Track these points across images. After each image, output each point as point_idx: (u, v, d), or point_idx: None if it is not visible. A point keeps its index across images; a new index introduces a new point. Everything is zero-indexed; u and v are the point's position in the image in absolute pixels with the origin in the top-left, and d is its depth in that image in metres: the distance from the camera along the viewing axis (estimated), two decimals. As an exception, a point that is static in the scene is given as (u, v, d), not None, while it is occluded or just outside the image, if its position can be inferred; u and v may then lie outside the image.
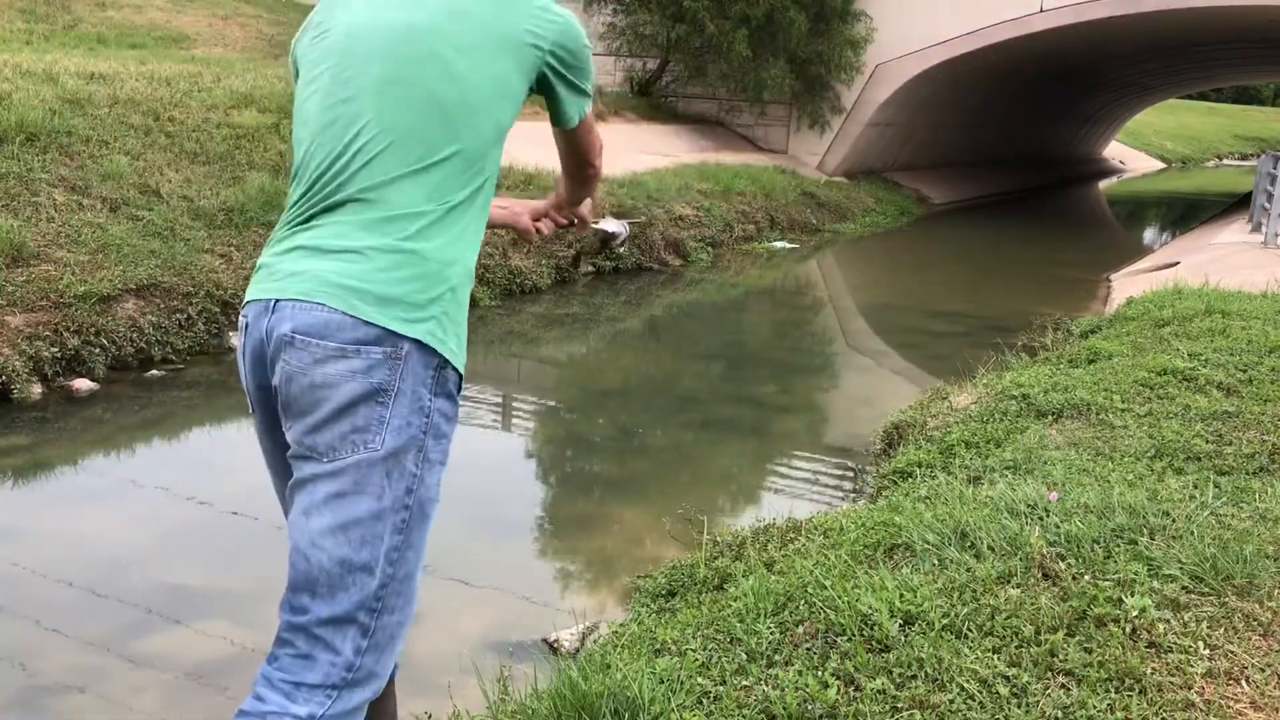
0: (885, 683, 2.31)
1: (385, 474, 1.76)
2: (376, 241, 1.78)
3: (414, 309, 1.77)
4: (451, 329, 1.83)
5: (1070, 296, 11.07)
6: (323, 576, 1.75)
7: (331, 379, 1.74)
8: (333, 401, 1.74)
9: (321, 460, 1.76)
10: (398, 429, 1.76)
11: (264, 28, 17.22)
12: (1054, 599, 2.63)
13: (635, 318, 9.55)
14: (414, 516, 1.81)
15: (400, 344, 1.75)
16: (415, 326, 1.76)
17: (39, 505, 4.76)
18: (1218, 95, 58.12)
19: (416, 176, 1.82)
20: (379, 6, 1.92)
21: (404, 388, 1.76)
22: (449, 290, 1.83)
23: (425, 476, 1.81)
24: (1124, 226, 21.67)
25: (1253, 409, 4.53)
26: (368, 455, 1.74)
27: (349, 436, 1.74)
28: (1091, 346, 6.27)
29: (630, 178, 12.52)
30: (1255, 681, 2.31)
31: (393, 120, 1.84)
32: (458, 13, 1.89)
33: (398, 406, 1.75)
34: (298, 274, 1.79)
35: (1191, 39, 20.72)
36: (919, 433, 5.20)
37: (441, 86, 1.85)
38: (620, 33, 17.40)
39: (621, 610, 3.83)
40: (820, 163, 18.27)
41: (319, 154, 1.88)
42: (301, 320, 1.75)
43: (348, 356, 1.74)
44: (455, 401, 1.87)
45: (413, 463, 1.79)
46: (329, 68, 1.91)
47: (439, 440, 1.84)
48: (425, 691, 3.27)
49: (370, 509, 1.75)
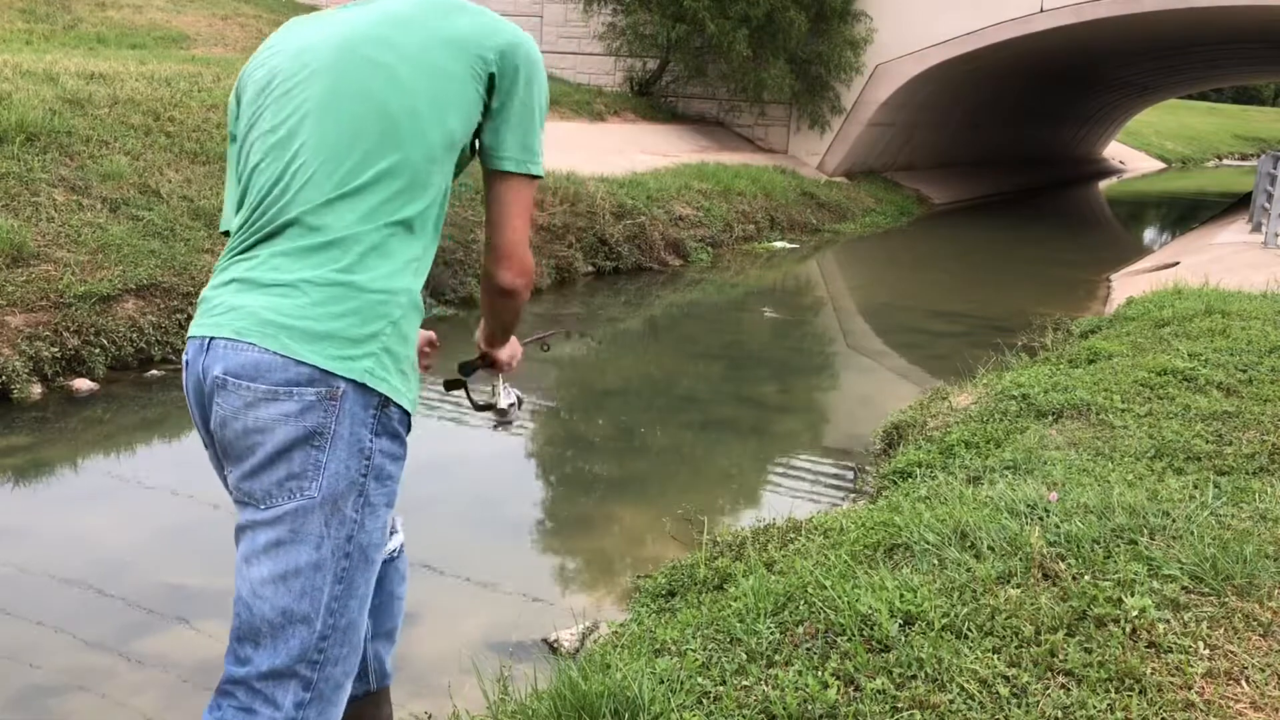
0: (885, 683, 2.31)
1: (324, 521, 1.68)
2: (311, 273, 1.69)
3: (350, 345, 1.67)
4: (394, 364, 1.73)
5: (1070, 296, 11.07)
6: (264, 626, 1.69)
7: (264, 423, 1.66)
8: (266, 447, 1.66)
9: (259, 507, 1.69)
10: (335, 474, 1.67)
11: (264, 28, 17.21)
12: (1054, 599, 2.63)
13: (635, 318, 9.55)
14: (355, 564, 1.72)
15: (335, 384, 1.66)
16: (351, 364, 1.67)
17: (39, 505, 4.76)
18: (1218, 95, 58.12)
19: (353, 198, 1.72)
20: (327, 25, 1.85)
21: (341, 430, 1.67)
22: (389, 324, 1.72)
23: (366, 521, 1.73)
24: (1124, 226, 21.67)
25: (1253, 409, 4.53)
26: (304, 502, 1.67)
27: (285, 483, 1.66)
28: (1091, 346, 6.27)
29: (630, 178, 12.52)
30: (1255, 681, 2.31)
31: (332, 137, 1.74)
32: (403, 20, 1.80)
33: (335, 450, 1.67)
34: (233, 310, 1.70)
35: (1191, 39, 20.72)
36: (919, 433, 5.20)
37: (386, 94, 1.75)
38: (620, 33, 17.41)
39: (621, 610, 3.83)
40: (820, 163, 18.28)
41: (259, 179, 1.79)
42: (233, 361, 1.67)
43: (279, 399, 1.65)
44: (402, 440, 1.78)
45: (352, 508, 1.70)
46: (274, 89, 1.83)
47: (382, 483, 1.74)
48: (425, 691, 3.27)
49: (310, 558, 1.68)
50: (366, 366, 1.68)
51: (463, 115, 1.79)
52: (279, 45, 1.90)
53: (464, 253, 9.15)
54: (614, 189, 11.74)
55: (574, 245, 10.50)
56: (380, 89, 1.75)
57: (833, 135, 18.16)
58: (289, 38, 1.90)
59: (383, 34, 1.78)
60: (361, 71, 1.76)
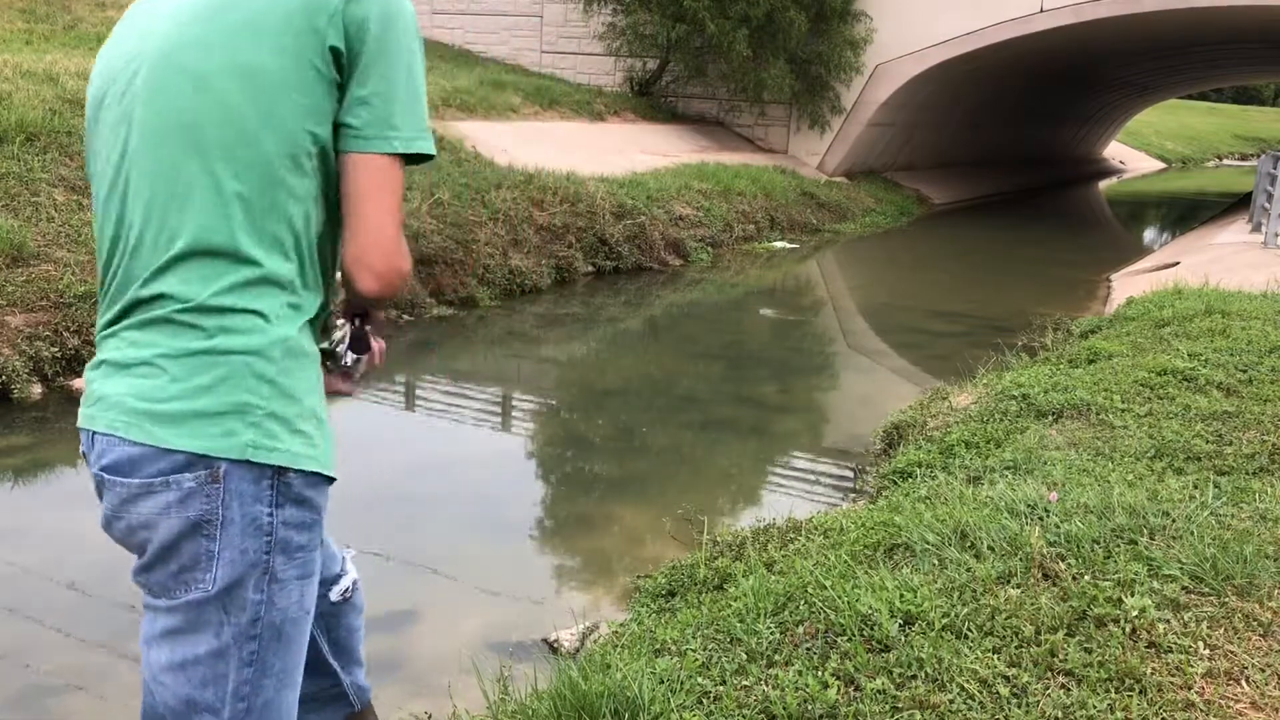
0: (885, 683, 2.31)
1: (222, 610, 1.53)
2: (167, 345, 1.50)
3: (222, 420, 1.49)
4: (284, 427, 1.53)
5: (1070, 296, 11.07)
6: (169, 714, 1.58)
7: (146, 519, 1.52)
8: (155, 543, 1.53)
9: (158, 598, 1.57)
10: (231, 561, 1.52)
11: (264, 28, 17.19)
12: (1054, 599, 2.63)
13: (635, 318, 9.55)
14: (266, 644, 1.57)
15: (214, 465, 1.49)
16: (229, 441, 1.49)
17: (39, 505, 4.76)
18: (1218, 95, 58.12)
19: (195, 257, 1.50)
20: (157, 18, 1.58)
21: (230, 514, 1.51)
22: (266, 385, 1.51)
23: (276, 599, 1.57)
24: (1124, 226, 21.67)
25: (1253, 409, 4.53)
26: (199, 595, 1.52)
27: (178, 576, 1.53)
28: (1091, 346, 6.27)
29: (630, 178, 12.52)
30: (1255, 681, 2.31)
31: (160, 186, 1.52)
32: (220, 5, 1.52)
33: (227, 536, 1.51)
34: (101, 399, 1.55)
35: (1191, 39, 20.72)
36: (919, 433, 5.21)
37: (206, 121, 1.50)
38: (620, 33, 17.41)
39: (621, 610, 3.83)
40: (820, 163, 18.27)
41: (103, 234, 1.61)
42: (108, 458, 1.53)
43: (156, 492, 1.50)
44: (311, 505, 1.60)
45: (255, 590, 1.54)
46: (105, 111, 1.60)
47: (291, 556, 1.58)
48: (425, 691, 3.27)
49: (209, 648, 1.54)
50: (247, 440, 1.49)
51: (308, 114, 1.51)
52: (116, 43, 1.64)
53: (464, 253, 9.15)
54: (614, 189, 11.73)
55: (574, 245, 10.50)
56: (199, 114, 1.50)
57: (833, 135, 18.16)
58: (127, 31, 1.63)
59: (198, 34, 1.52)
60: (179, 93, 1.51)
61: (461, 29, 20.43)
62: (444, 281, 8.81)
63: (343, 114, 1.52)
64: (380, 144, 1.53)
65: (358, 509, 4.85)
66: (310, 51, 1.49)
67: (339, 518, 5.19)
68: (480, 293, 8.98)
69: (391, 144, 1.53)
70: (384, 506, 4.91)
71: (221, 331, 1.49)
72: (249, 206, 1.50)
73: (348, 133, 1.52)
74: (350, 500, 4.96)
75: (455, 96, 13.69)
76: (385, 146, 1.53)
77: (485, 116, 13.80)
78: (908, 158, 20.69)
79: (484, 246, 9.39)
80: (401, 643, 3.65)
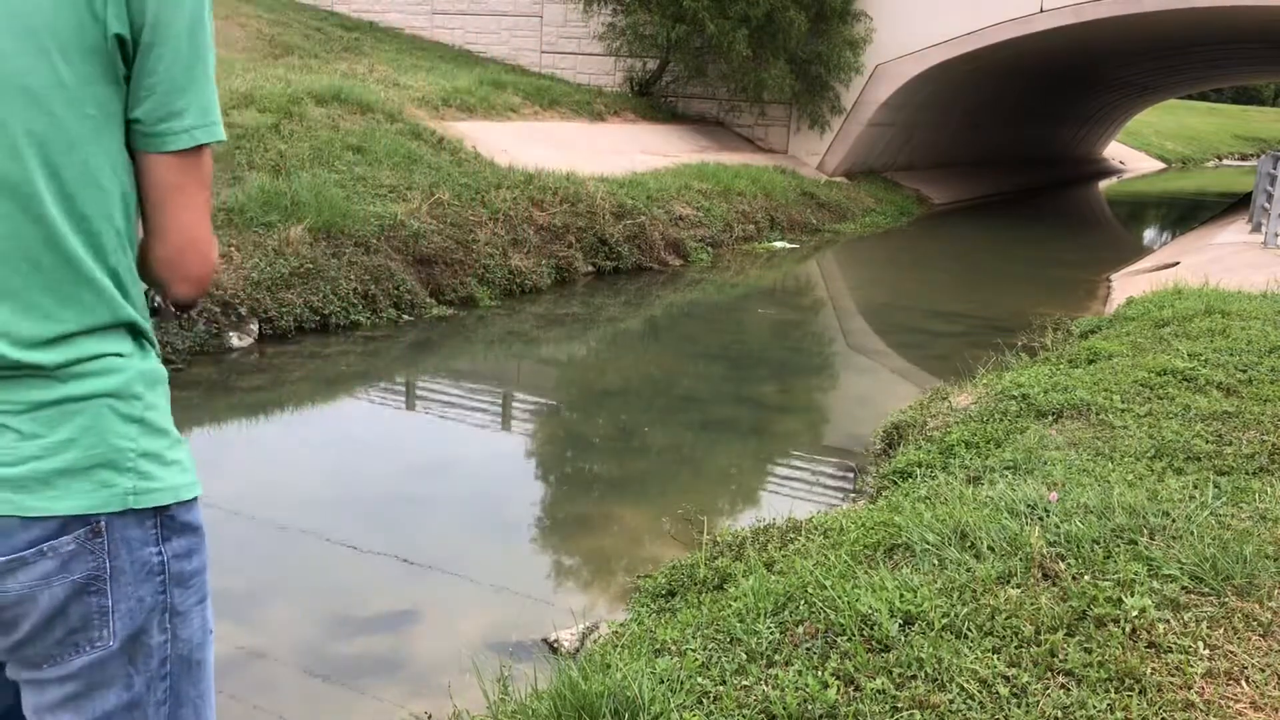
0: (885, 683, 2.31)
1: (127, 661, 1.39)
2: (8, 398, 1.30)
3: (91, 474, 1.33)
4: (158, 464, 1.38)
5: (1070, 296, 11.07)
6: None
7: (20, 594, 1.33)
8: (32, 617, 1.35)
9: (41, 668, 1.38)
10: (128, 612, 1.38)
11: (264, 28, 17.22)
12: (1054, 599, 2.63)
13: (635, 318, 9.55)
14: (178, 677, 1.45)
15: (94, 520, 1.34)
16: (105, 495, 1.34)
17: None
18: (1218, 95, 58.13)
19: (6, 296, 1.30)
20: None
21: (120, 564, 1.36)
22: (132, 425, 1.35)
23: (179, 633, 1.44)
24: (1124, 227, 21.67)
25: (1253, 409, 4.53)
26: (98, 654, 1.37)
27: (65, 642, 1.36)
28: (1091, 346, 6.28)
29: (630, 178, 12.52)
30: (1255, 681, 2.31)
31: None
32: None
33: (119, 588, 1.37)
34: None
35: (1191, 39, 20.72)
36: (919, 433, 5.21)
37: None
38: (620, 33, 17.41)
39: (621, 610, 3.83)
40: (820, 163, 18.28)
41: None
42: None
43: (30, 563, 1.32)
44: (194, 527, 1.45)
45: (159, 631, 1.41)
46: None
47: (186, 585, 1.45)
48: (425, 691, 3.27)
49: (121, 700, 1.40)
50: (126, 489, 1.35)
51: (91, 101, 1.30)
52: None
53: (464, 253, 9.15)
54: (614, 189, 11.73)
55: (574, 245, 10.50)
56: None
57: (833, 135, 18.17)
58: None
59: None
60: None
61: (461, 29, 20.44)
62: (444, 281, 8.81)
63: (145, 108, 1.33)
64: (210, 132, 1.37)
65: (358, 509, 4.85)
66: (90, 36, 1.29)
67: (340, 518, 5.19)
68: (480, 293, 8.98)
69: (194, 136, 1.36)
70: (384, 506, 4.91)
71: (70, 376, 1.31)
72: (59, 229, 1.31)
73: (161, 131, 1.34)
74: (351, 500, 4.96)
75: (455, 96, 13.69)
76: (210, 135, 1.37)
77: (485, 116, 13.81)
78: (908, 158, 20.69)
79: (484, 246, 9.39)
80: (401, 643, 3.65)
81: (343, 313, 7.77)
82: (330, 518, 4.65)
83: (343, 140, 10.07)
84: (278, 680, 3.40)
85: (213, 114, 1.38)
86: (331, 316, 7.69)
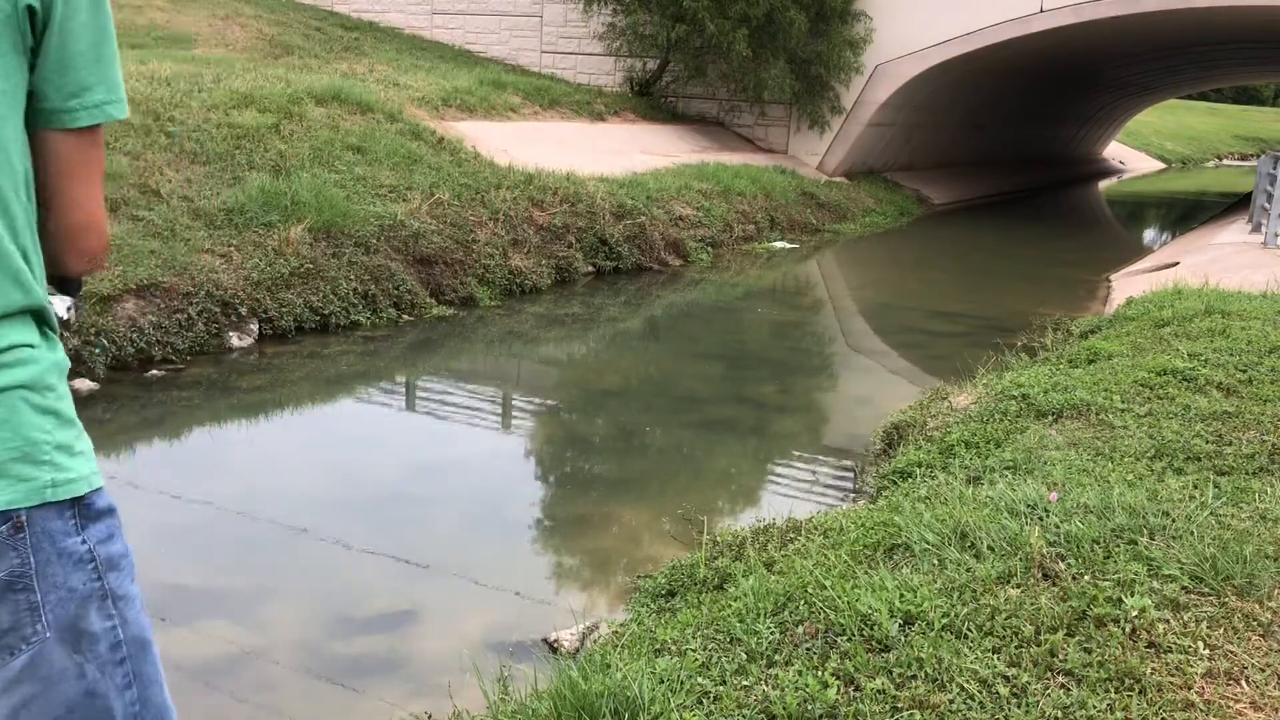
0: (885, 683, 2.31)
1: (72, 650, 1.38)
2: None
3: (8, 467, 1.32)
4: (68, 456, 1.38)
5: (1070, 296, 11.07)
6: None
7: None
8: None
9: None
10: (59, 602, 1.37)
11: (264, 28, 17.22)
12: (1054, 599, 2.63)
13: (635, 318, 9.55)
14: (137, 659, 1.45)
15: (14, 515, 1.32)
16: (23, 489, 1.33)
17: None
18: (1218, 95, 58.12)
19: None
20: None
21: (45, 556, 1.35)
22: (47, 417, 1.35)
23: (127, 615, 1.44)
24: (1124, 227, 21.68)
25: (1253, 409, 4.53)
26: (36, 649, 1.36)
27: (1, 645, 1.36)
28: (1091, 346, 6.28)
29: (630, 178, 12.52)
30: (1255, 681, 2.31)
31: None
32: None
33: (46, 580, 1.36)
34: None
35: (1191, 39, 20.72)
36: (919, 433, 5.21)
37: None
38: (620, 33, 17.41)
39: (621, 610, 3.83)
40: (820, 163, 18.28)
41: None
42: None
43: None
44: (109, 510, 1.45)
45: (104, 619, 1.41)
46: None
47: (117, 566, 1.44)
48: (425, 691, 3.27)
49: (76, 691, 1.39)
50: (45, 481, 1.34)
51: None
52: None
53: (464, 253, 9.15)
54: (614, 189, 11.73)
55: (574, 245, 10.50)
56: None
57: (833, 135, 18.17)
58: None
59: None
60: None
61: (461, 29, 20.44)
62: (444, 281, 8.81)
63: (50, 84, 1.32)
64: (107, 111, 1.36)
65: (358, 509, 4.86)
66: None
67: (340, 518, 5.20)
68: (480, 292, 8.98)
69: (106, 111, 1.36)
70: (384, 506, 4.91)
71: None
72: None
73: (66, 107, 1.33)
74: (351, 500, 4.96)
75: (455, 96, 13.69)
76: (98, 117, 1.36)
77: (485, 116, 13.81)
78: (908, 158, 20.69)
79: (484, 246, 9.39)
80: (401, 643, 3.65)
81: (343, 313, 7.78)
82: (330, 518, 4.65)
83: (343, 140, 10.07)
84: (278, 680, 3.39)
85: (120, 90, 1.37)
86: (331, 316, 7.69)
